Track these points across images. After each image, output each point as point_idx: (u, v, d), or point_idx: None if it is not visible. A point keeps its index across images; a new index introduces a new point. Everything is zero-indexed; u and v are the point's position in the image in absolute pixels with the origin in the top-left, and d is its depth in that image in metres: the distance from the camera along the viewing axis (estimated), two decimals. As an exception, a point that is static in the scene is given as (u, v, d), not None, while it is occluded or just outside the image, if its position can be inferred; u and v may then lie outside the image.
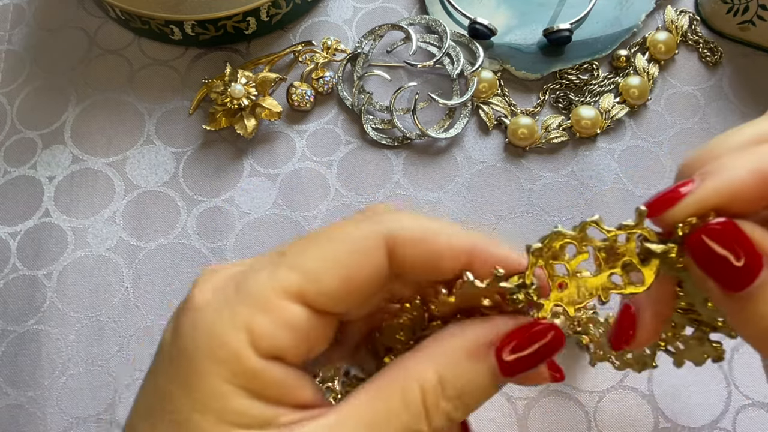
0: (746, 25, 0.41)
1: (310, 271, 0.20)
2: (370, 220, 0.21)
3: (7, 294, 0.38)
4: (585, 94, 0.42)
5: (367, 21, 0.44)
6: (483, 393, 0.20)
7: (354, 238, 0.20)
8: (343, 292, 0.20)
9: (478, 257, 0.21)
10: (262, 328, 0.19)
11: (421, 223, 0.21)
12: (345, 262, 0.20)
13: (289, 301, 0.19)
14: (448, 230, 0.21)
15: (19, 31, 0.45)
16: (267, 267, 0.20)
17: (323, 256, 0.20)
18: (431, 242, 0.21)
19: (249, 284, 0.20)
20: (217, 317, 0.19)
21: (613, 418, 0.34)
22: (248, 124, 0.39)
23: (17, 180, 0.41)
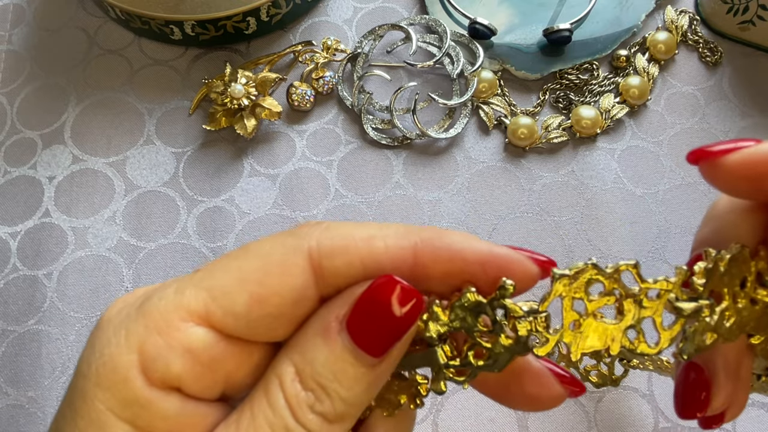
0: (746, 25, 0.41)
1: (217, 289, 0.17)
2: (293, 234, 0.18)
3: (7, 294, 0.38)
4: (585, 94, 0.42)
5: (367, 21, 0.44)
6: (348, 375, 0.17)
7: (270, 253, 0.18)
8: (255, 313, 0.17)
9: (426, 254, 0.18)
10: (155, 351, 0.17)
11: (350, 229, 0.18)
12: (257, 279, 0.17)
13: (191, 323, 0.17)
14: (383, 231, 0.18)
15: (19, 31, 0.45)
16: (177, 284, 0.18)
17: (234, 272, 0.18)
18: (365, 248, 0.18)
19: (152, 301, 0.18)
20: (112, 336, 0.17)
21: (613, 418, 0.34)
22: (248, 124, 0.39)
23: (17, 180, 0.41)
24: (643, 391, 0.35)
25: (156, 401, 0.17)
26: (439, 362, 0.19)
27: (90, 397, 0.17)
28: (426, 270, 0.18)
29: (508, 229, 0.38)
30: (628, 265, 0.18)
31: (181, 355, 0.17)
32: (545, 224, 0.38)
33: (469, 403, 0.35)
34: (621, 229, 0.38)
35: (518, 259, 0.18)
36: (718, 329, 0.19)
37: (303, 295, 0.18)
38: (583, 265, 0.18)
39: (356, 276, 0.18)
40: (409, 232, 0.18)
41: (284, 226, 0.39)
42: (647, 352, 0.18)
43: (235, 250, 0.19)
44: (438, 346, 0.19)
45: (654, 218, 0.39)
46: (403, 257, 0.18)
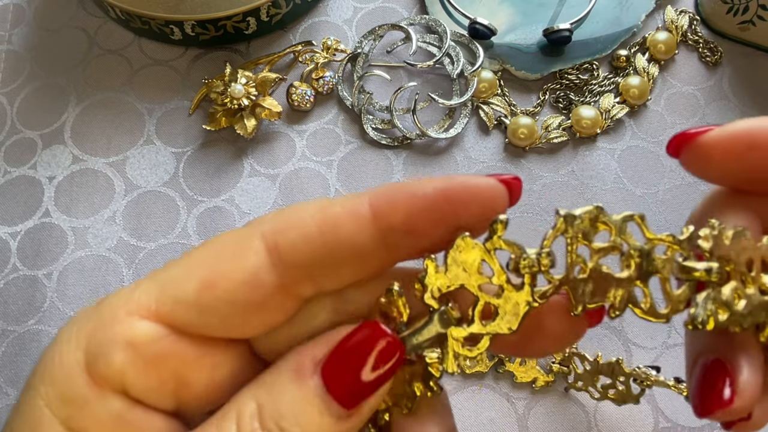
0: (746, 25, 0.41)
1: (166, 278, 0.17)
2: (248, 224, 0.17)
3: (7, 294, 0.38)
4: (585, 94, 0.42)
5: (367, 21, 0.44)
6: (314, 423, 0.16)
7: (222, 241, 0.17)
8: (205, 299, 0.16)
9: (381, 204, 0.17)
10: (97, 346, 0.16)
11: (304, 204, 0.17)
12: (206, 264, 0.17)
13: (137, 317, 0.16)
14: (338, 199, 0.17)
15: (19, 31, 0.45)
16: (138, 281, 0.17)
17: (185, 262, 0.17)
18: (320, 215, 0.17)
19: (108, 298, 0.17)
20: (65, 332, 0.17)
21: (613, 418, 0.34)
22: (248, 124, 0.39)
23: (17, 180, 0.41)
24: (643, 391, 0.35)
25: (94, 401, 0.16)
26: (443, 331, 0.17)
27: (32, 391, 0.16)
28: (388, 221, 0.16)
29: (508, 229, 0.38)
30: (634, 215, 0.17)
31: (122, 349, 0.16)
32: (545, 224, 0.38)
33: (468, 404, 0.35)
34: (621, 229, 0.38)
35: (481, 181, 0.17)
36: (730, 306, 0.17)
37: (257, 278, 0.16)
38: (591, 207, 0.17)
39: (316, 248, 0.17)
40: (360, 194, 0.17)
41: (284, 226, 0.39)
42: (655, 318, 0.17)
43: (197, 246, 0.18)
44: (439, 311, 0.17)
45: (654, 218, 0.38)
46: (361, 213, 0.17)
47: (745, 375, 0.18)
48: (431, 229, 0.17)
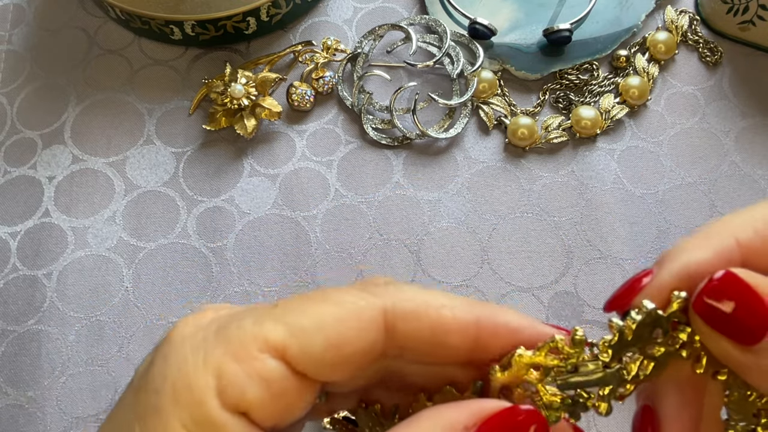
0: (746, 25, 0.41)
1: (297, 327, 0.18)
2: (370, 291, 0.20)
3: (7, 294, 0.38)
4: (585, 94, 0.42)
5: (367, 21, 0.44)
6: None
7: (350, 306, 0.19)
8: (329, 359, 0.18)
9: (487, 329, 0.20)
10: (233, 377, 0.18)
11: (424, 296, 0.20)
12: (336, 328, 0.19)
13: (268, 354, 0.18)
14: (452, 302, 0.20)
15: (19, 31, 0.45)
16: (254, 315, 0.19)
17: (314, 316, 0.19)
18: (434, 316, 0.19)
19: (231, 328, 0.18)
20: (190, 355, 0.18)
21: (613, 418, 0.34)
22: (248, 124, 0.39)
23: (17, 180, 0.41)
24: (643, 391, 0.35)
25: (227, 425, 0.17)
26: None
27: (166, 414, 0.17)
28: (485, 344, 0.19)
29: (508, 230, 0.38)
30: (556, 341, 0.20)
31: (257, 383, 0.18)
32: (545, 224, 0.38)
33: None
34: (621, 229, 0.38)
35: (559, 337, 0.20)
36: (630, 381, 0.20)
37: (372, 349, 0.19)
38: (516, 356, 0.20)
39: (424, 340, 0.19)
40: (473, 306, 0.20)
41: (284, 226, 0.39)
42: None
43: (314, 292, 0.20)
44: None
45: (654, 218, 0.38)
46: (468, 330, 0.19)
47: (669, 415, 0.20)
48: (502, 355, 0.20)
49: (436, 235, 0.38)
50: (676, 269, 0.19)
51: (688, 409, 0.20)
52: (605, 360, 0.20)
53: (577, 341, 0.20)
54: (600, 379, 0.20)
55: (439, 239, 0.38)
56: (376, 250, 0.38)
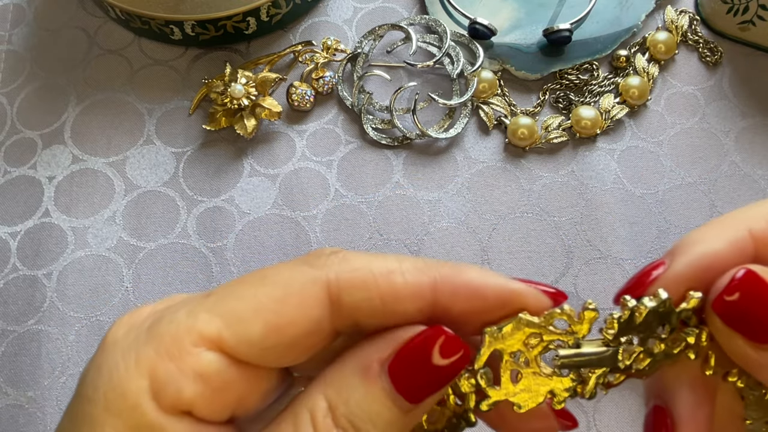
0: (746, 25, 0.41)
1: (232, 315, 0.17)
2: (311, 264, 0.18)
3: (7, 294, 0.38)
4: (585, 94, 0.42)
5: (367, 21, 0.44)
6: (383, 418, 0.17)
7: (288, 282, 0.18)
8: (270, 342, 0.17)
9: (445, 291, 0.18)
10: (167, 376, 0.17)
11: (371, 263, 0.18)
12: (273, 308, 0.17)
13: (203, 348, 0.17)
14: (403, 265, 0.18)
15: (19, 31, 0.45)
16: (188, 306, 0.18)
17: (250, 299, 0.18)
18: (384, 283, 0.18)
19: (162, 323, 0.17)
20: (120, 359, 0.17)
21: (613, 418, 0.34)
22: (248, 124, 0.39)
23: (17, 180, 0.41)
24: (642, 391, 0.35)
25: (167, 427, 0.17)
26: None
27: (100, 424, 0.16)
28: (445, 307, 0.18)
29: (508, 229, 0.38)
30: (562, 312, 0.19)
31: (193, 380, 0.17)
32: (545, 224, 0.38)
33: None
34: (621, 229, 0.38)
35: (533, 294, 0.19)
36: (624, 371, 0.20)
37: (318, 327, 0.18)
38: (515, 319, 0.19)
39: (374, 310, 0.18)
40: (429, 267, 0.18)
41: (284, 226, 0.39)
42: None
43: (250, 274, 0.18)
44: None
45: (654, 218, 0.38)
46: (422, 293, 0.18)
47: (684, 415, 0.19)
48: (474, 322, 0.19)
49: (436, 235, 0.38)
50: (689, 261, 0.19)
51: (702, 408, 0.19)
52: (609, 337, 0.19)
53: (589, 317, 0.19)
54: (599, 358, 0.19)
55: (439, 239, 0.38)
56: (376, 250, 0.38)
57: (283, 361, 0.18)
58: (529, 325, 0.19)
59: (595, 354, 0.19)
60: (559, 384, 0.19)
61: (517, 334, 0.19)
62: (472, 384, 0.19)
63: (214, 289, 0.19)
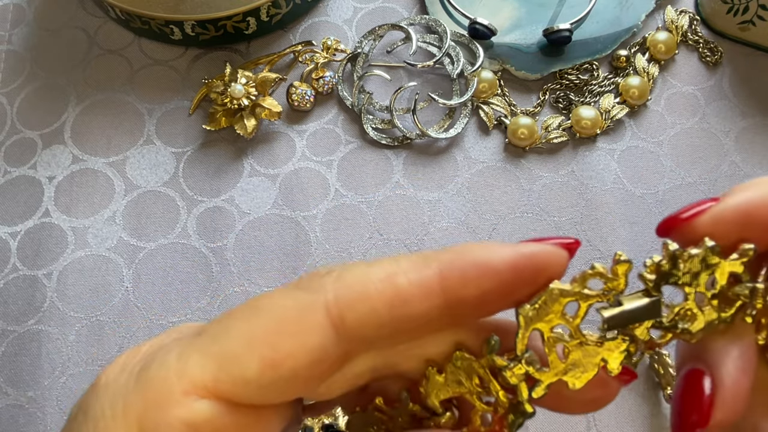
0: (746, 25, 0.41)
1: (225, 356, 0.16)
2: (305, 288, 0.17)
3: (7, 294, 0.38)
4: (585, 94, 0.42)
5: (367, 21, 0.44)
6: None
7: (282, 312, 0.16)
8: (267, 379, 0.16)
9: (453, 278, 0.16)
10: (154, 428, 0.16)
11: (368, 271, 0.17)
12: (271, 343, 0.16)
13: (194, 396, 0.16)
14: (401, 266, 0.17)
15: (19, 31, 0.45)
16: (180, 347, 0.16)
17: (243, 335, 0.16)
18: (387, 289, 0.16)
19: (152, 369, 0.16)
20: (108, 408, 0.16)
21: (613, 418, 0.34)
22: (248, 124, 0.39)
23: (17, 180, 0.41)
24: (643, 391, 0.35)
25: None
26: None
27: None
28: (458, 294, 0.16)
29: (508, 229, 0.38)
30: (594, 272, 0.17)
31: (185, 430, 0.16)
32: (545, 224, 0.38)
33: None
34: (621, 229, 0.38)
35: (547, 251, 0.17)
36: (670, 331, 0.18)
37: (323, 354, 0.16)
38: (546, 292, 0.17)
39: (383, 320, 0.16)
40: (428, 259, 0.17)
41: (284, 226, 0.39)
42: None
43: (242, 306, 0.17)
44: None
45: (654, 218, 0.38)
46: (430, 288, 0.16)
47: (728, 382, 0.17)
48: (499, 302, 0.17)
49: (436, 235, 0.38)
50: (747, 199, 0.17)
51: (747, 376, 0.17)
52: (649, 285, 0.17)
53: (623, 270, 0.17)
54: (645, 310, 0.17)
55: (439, 239, 0.38)
56: (376, 250, 0.38)
57: (288, 395, 0.17)
58: (563, 294, 0.17)
59: (640, 307, 0.17)
60: (609, 350, 0.17)
61: (552, 307, 0.17)
62: (519, 374, 0.17)
63: (206, 324, 0.17)
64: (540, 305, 0.17)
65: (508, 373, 0.17)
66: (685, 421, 0.17)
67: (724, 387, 0.17)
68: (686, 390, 0.18)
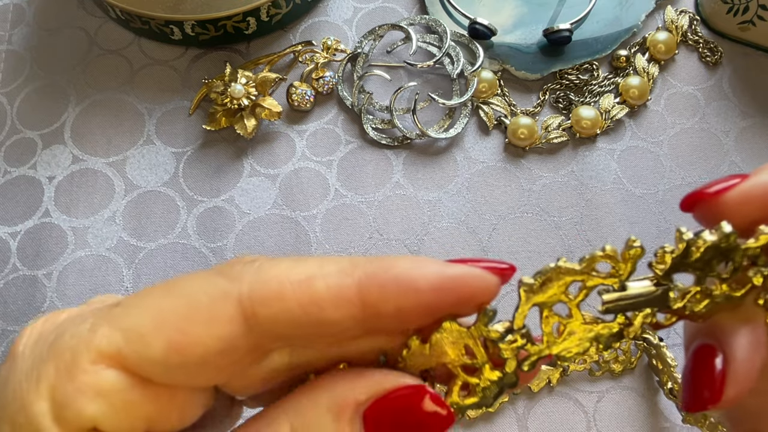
0: (746, 25, 0.41)
1: (133, 331, 0.16)
2: (225, 275, 0.16)
3: (7, 294, 0.38)
4: (585, 94, 0.42)
5: (367, 21, 0.44)
6: None
7: (195, 296, 0.16)
8: (174, 361, 0.16)
9: (372, 291, 0.16)
10: (66, 397, 0.16)
11: (288, 270, 0.16)
12: (177, 325, 0.16)
13: (103, 365, 0.16)
14: (325, 269, 0.16)
15: (19, 31, 0.45)
16: (94, 318, 0.16)
17: (154, 314, 0.16)
18: (303, 292, 0.16)
19: (64, 339, 0.16)
20: (24, 378, 0.16)
21: (613, 418, 0.34)
22: (248, 124, 0.39)
23: (17, 180, 0.41)
24: (643, 390, 0.35)
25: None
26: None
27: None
28: (376, 307, 0.16)
29: (508, 229, 0.38)
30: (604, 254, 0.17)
31: (92, 399, 0.16)
32: (545, 224, 0.38)
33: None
34: (621, 229, 0.38)
35: (477, 276, 0.17)
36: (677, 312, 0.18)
37: (231, 345, 0.16)
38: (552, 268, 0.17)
39: (297, 321, 0.16)
40: (354, 267, 0.16)
41: (284, 226, 0.39)
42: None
43: (162, 284, 0.17)
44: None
45: (654, 218, 0.39)
46: (348, 297, 0.16)
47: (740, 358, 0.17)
48: (418, 319, 0.17)
49: (436, 235, 0.38)
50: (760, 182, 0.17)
51: (759, 352, 0.17)
52: (659, 273, 0.17)
53: (633, 255, 0.17)
54: (647, 299, 0.17)
55: (439, 239, 0.38)
56: (376, 250, 0.38)
57: (199, 380, 0.17)
58: (569, 272, 0.17)
59: (643, 295, 0.17)
60: (605, 329, 0.17)
61: (556, 284, 0.17)
62: (514, 347, 0.17)
63: (125, 296, 0.17)
64: (543, 281, 0.17)
65: (503, 345, 0.17)
66: (697, 397, 0.17)
67: (736, 362, 0.17)
68: (697, 366, 0.17)
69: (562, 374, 0.35)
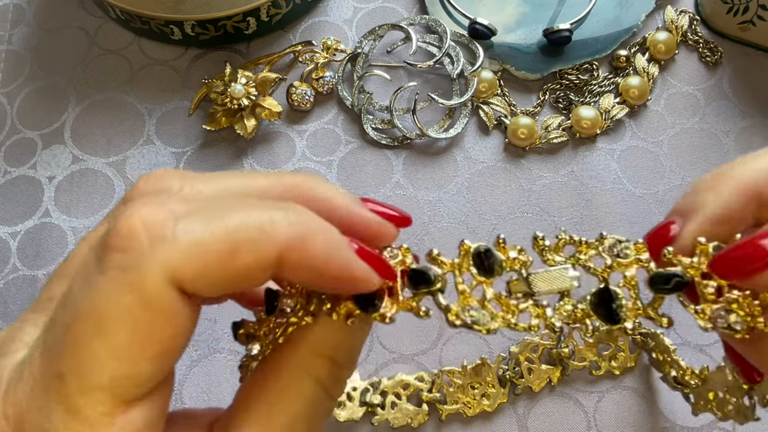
0: (746, 25, 0.41)
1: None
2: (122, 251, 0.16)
3: (7, 294, 0.38)
4: (585, 94, 0.42)
5: (367, 21, 0.44)
6: None
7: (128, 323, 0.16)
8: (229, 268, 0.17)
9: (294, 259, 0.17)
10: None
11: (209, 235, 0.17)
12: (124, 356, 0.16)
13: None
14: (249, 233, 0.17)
15: (19, 31, 0.45)
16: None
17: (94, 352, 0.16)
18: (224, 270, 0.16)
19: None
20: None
21: (613, 418, 0.34)
22: (248, 124, 0.39)
23: (17, 180, 0.41)
24: (643, 391, 0.35)
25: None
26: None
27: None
28: (291, 276, 0.17)
29: (508, 229, 0.38)
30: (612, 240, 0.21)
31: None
32: (545, 224, 0.38)
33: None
34: (621, 229, 0.38)
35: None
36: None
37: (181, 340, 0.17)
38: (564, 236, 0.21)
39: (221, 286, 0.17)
40: (274, 226, 0.17)
41: (284, 226, 0.39)
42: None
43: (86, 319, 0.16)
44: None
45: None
46: (269, 264, 0.17)
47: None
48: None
49: (436, 235, 0.38)
50: (710, 216, 0.20)
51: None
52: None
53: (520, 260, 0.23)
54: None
55: (439, 239, 0.38)
56: (376, 250, 0.38)
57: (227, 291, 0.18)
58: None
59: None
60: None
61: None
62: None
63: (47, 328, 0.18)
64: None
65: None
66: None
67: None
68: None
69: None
